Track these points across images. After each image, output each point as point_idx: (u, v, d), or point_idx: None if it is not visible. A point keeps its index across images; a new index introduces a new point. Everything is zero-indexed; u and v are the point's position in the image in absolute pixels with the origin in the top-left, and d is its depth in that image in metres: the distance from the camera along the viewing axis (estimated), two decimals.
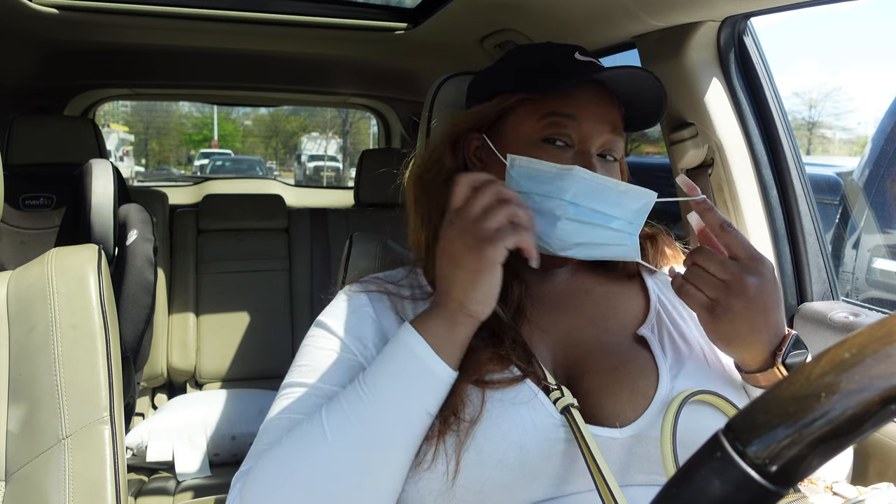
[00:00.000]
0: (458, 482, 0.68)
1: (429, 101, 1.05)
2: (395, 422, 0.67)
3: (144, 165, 24.96)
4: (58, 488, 0.83)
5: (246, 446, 2.01)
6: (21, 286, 0.92)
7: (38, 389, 0.87)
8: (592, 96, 0.81)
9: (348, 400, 0.69)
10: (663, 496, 0.36)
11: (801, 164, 1.22)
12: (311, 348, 0.80)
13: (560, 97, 0.80)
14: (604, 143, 0.81)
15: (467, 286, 0.69)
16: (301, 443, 0.68)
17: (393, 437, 0.67)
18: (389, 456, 0.67)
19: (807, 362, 0.34)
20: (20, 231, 2.09)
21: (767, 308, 0.72)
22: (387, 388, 0.68)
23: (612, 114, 0.82)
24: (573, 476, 0.71)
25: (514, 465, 0.69)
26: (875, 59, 63.80)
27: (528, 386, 0.73)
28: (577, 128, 0.80)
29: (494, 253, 0.67)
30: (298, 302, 2.54)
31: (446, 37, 1.78)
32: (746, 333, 0.72)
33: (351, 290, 0.85)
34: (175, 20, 1.75)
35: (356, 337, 0.80)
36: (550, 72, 0.82)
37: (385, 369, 0.70)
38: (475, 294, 0.69)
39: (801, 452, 0.32)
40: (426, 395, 0.68)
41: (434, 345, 0.69)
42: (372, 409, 0.67)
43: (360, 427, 0.67)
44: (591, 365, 0.77)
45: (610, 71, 0.78)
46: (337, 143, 25.68)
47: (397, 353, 0.70)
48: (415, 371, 0.69)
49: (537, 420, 0.70)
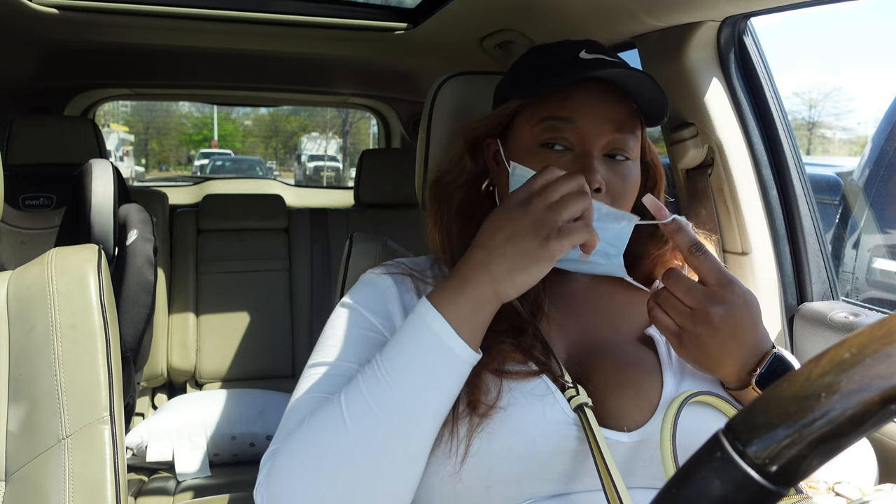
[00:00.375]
0: (465, 467, 0.68)
1: (429, 102, 1.05)
2: (414, 404, 0.65)
3: (145, 166, 24.96)
4: (58, 488, 0.83)
5: (246, 446, 2.01)
6: (21, 286, 0.92)
7: (38, 389, 0.87)
8: (591, 95, 0.79)
9: (366, 382, 0.66)
10: (663, 496, 0.36)
11: (801, 164, 1.22)
12: (337, 327, 0.80)
13: (557, 100, 0.79)
14: (608, 142, 0.79)
15: (515, 268, 0.65)
16: (322, 429, 0.66)
17: (412, 420, 0.65)
18: (409, 440, 0.65)
19: (807, 362, 0.34)
20: (20, 231, 2.09)
21: (737, 334, 0.70)
22: (405, 368, 0.65)
23: (617, 111, 0.79)
24: (581, 474, 0.71)
25: (524, 456, 0.69)
26: (875, 59, 63.82)
27: (544, 381, 0.73)
28: (575, 130, 0.78)
29: (560, 246, 0.65)
30: (298, 302, 2.54)
31: (446, 37, 1.78)
32: (716, 357, 0.71)
33: (375, 272, 0.85)
34: (175, 20, 1.75)
35: (382, 315, 0.79)
36: (550, 73, 0.81)
37: (403, 348, 0.67)
38: (519, 279, 0.66)
39: (802, 452, 0.32)
40: (445, 375, 0.66)
41: (455, 324, 0.66)
42: (390, 391, 0.65)
43: (378, 411, 0.64)
44: (600, 365, 0.77)
45: (604, 71, 0.76)
46: (337, 143, 25.68)
47: (416, 331, 0.67)
48: (434, 350, 0.65)
49: (550, 415, 0.71)
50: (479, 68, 1.33)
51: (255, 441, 2.02)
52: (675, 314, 0.72)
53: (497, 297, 0.67)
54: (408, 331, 0.67)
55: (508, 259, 0.65)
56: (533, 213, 0.66)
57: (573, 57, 0.81)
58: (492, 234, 0.67)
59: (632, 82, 0.78)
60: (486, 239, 0.68)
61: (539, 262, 0.65)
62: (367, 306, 0.81)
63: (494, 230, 0.67)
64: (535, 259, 0.65)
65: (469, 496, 0.70)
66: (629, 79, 0.77)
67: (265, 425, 2.04)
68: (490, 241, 0.67)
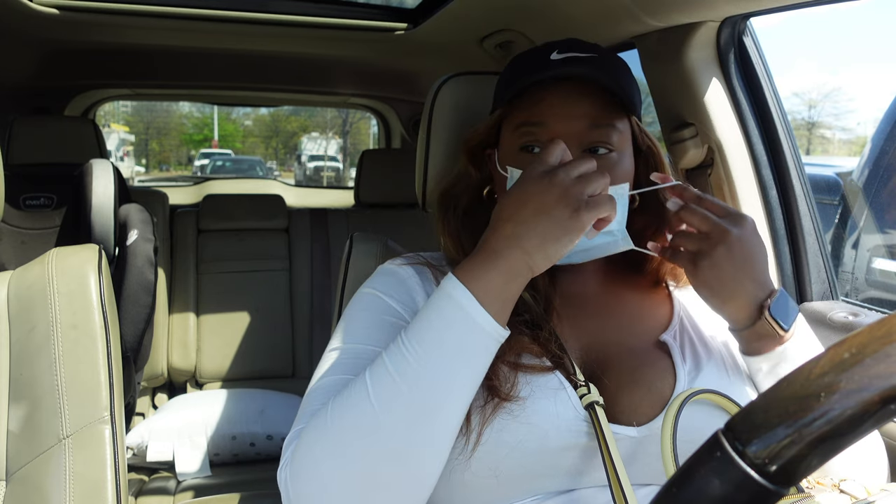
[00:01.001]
0: (476, 455, 0.69)
1: (429, 102, 1.05)
2: (442, 380, 0.64)
3: (145, 166, 24.96)
4: (58, 488, 0.83)
5: (246, 446, 2.01)
6: (22, 286, 0.92)
7: (38, 389, 0.87)
8: (562, 96, 0.79)
9: (392, 359, 0.65)
10: (663, 496, 0.36)
11: (801, 164, 1.22)
12: (357, 312, 0.80)
13: (529, 104, 0.80)
14: (584, 139, 0.79)
15: (547, 240, 0.65)
16: (347, 408, 0.64)
17: (440, 398, 0.64)
18: (436, 418, 0.64)
19: (806, 362, 0.34)
20: (21, 231, 2.09)
21: (750, 257, 0.75)
22: (433, 344, 0.64)
23: (590, 106, 0.79)
24: (589, 470, 0.72)
25: (533, 450, 0.69)
26: (875, 59, 63.81)
27: (557, 377, 0.73)
28: (548, 132, 0.79)
29: (588, 217, 0.65)
30: (298, 302, 2.54)
31: (446, 37, 1.78)
32: (729, 281, 0.75)
33: (394, 263, 0.86)
34: (175, 20, 1.75)
35: (405, 302, 0.80)
36: (521, 78, 0.81)
37: (431, 324, 0.65)
38: (551, 250, 0.66)
39: (801, 452, 0.32)
40: (474, 351, 0.65)
41: (484, 299, 0.65)
42: (417, 367, 0.63)
43: (405, 388, 0.63)
44: (614, 364, 0.78)
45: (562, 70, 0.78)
46: (337, 143, 25.66)
47: (444, 307, 0.65)
48: (462, 326, 0.64)
49: (561, 411, 0.71)
50: (479, 68, 1.33)
51: (255, 441, 2.02)
52: (691, 243, 0.76)
53: (530, 270, 0.67)
54: (435, 307, 0.66)
55: (540, 231, 0.65)
56: (559, 184, 0.66)
57: (544, 59, 0.81)
58: (517, 207, 0.67)
59: (601, 75, 0.78)
60: (511, 212, 0.67)
61: (570, 231, 0.65)
62: (388, 293, 0.81)
63: (519, 204, 0.67)
64: (566, 229, 0.65)
65: (477, 485, 0.71)
66: (597, 72, 0.78)
67: (265, 425, 2.04)
68: (517, 214, 0.66)
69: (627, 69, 0.83)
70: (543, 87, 0.80)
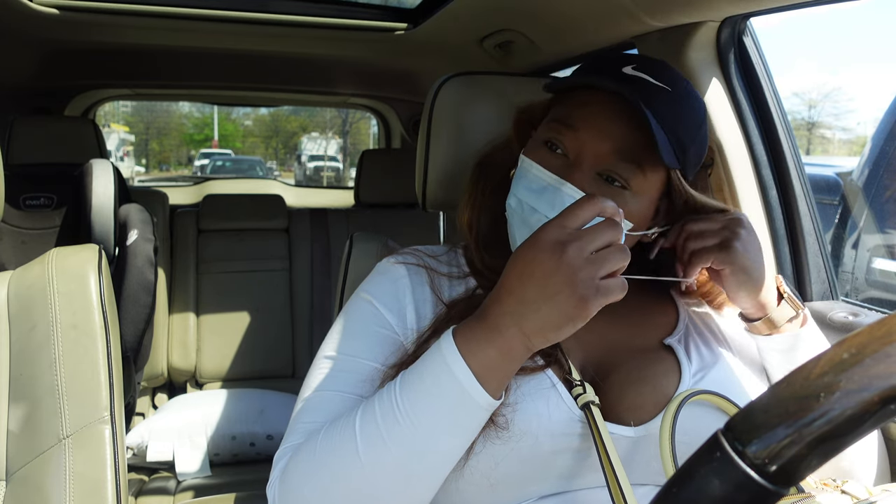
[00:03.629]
0: (469, 465, 0.69)
1: (429, 102, 1.05)
2: (428, 447, 0.64)
3: (145, 166, 24.95)
4: (58, 488, 0.83)
5: (246, 446, 2.01)
6: (22, 286, 0.92)
7: (38, 389, 0.87)
8: (604, 110, 0.74)
9: (383, 412, 0.65)
10: (663, 496, 0.36)
11: (801, 164, 1.22)
12: (352, 320, 0.81)
13: (574, 103, 0.77)
14: (601, 161, 0.74)
15: (547, 327, 0.61)
16: (335, 453, 0.66)
17: (424, 463, 0.64)
18: (419, 479, 0.65)
19: (806, 362, 0.34)
20: (21, 231, 2.09)
21: (760, 250, 0.79)
22: (424, 411, 0.63)
23: (625, 135, 0.73)
24: (584, 471, 0.72)
25: (526, 456, 0.69)
26: (875, 59, 63.81)
27: (548, 376, 0.73)
28: (574, 138, 0.74)
29: (597, 305, 0.60)
30: (298, 302, 2.54)
31: (446, 37, 1.78)
32: (759, 260, 0.78)
33: (390, 261, 0.86)
34: (175, 20, 1.75)
35: (396, 312, 0.80)
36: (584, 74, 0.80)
37: (426, 391, 0.64)
38: (551, 336, 0.62)
39: (801, 452, 0.32)
40: (465, 424, 0.64)
41: (481, 374, 0.62)
42: (406, 430, 0.63)
43: (392, 447, 0.63)
44: (618, 364, 0.78)
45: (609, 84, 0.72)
46: (337, 143, 25.66)
47: (440, 375, 0.63)
48: (456, 399, 0.62)
49: (553, 413, 0.71)
50: (479, 68, 1.33)
51: (255, 441, 2.02)
52: (708, 239, 0.79)
53: (527, 350, 0.63)
54: (432, 372, 0.64)
55: (542, 316, 0.60)
56: (568, 265, 0.59)
57: (617, 67, 0.76)
58: (521, 279, 0.61)
59: (655, 113, 0.71)
60: (515, 283, 0.62)
61: (574, 320, 0.61)
62: (382, 301, 0.81)
63: (525, 276, 0.61)
64: (569, 318, 0.60)
65: (472, 493, 0.71)
66: (653, 107, 0.71)
67: (265, 425, 2.04)
68: (520, 289, 0.61)
69: (696, 119, 0.77)
70: (594, 92, 0.75)
